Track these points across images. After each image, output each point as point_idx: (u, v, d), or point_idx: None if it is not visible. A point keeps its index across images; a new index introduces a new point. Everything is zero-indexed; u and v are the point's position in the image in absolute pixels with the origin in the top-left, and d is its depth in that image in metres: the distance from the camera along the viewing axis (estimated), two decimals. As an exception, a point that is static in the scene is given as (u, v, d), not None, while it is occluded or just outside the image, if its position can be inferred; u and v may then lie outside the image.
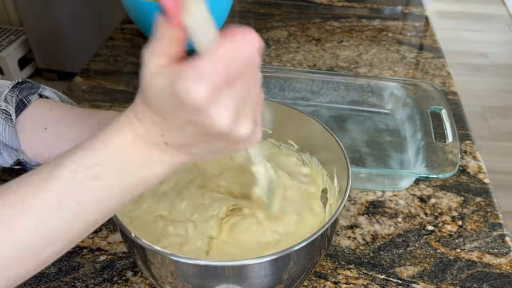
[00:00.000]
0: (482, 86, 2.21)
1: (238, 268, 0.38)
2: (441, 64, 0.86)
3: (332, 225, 0.40)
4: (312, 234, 0.38)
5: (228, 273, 0.38)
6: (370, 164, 0.65)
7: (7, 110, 0.48)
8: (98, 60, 0.87)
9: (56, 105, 0.51)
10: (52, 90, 0.54)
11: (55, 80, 2.15)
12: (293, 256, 0.39)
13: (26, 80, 0.52)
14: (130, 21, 0.97)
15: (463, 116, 0.73)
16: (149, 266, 0.40)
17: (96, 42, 1.04)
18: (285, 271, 0.40)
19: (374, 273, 0.51)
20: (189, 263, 0.37)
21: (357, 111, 0.74)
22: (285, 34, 0.95)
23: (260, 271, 0.38)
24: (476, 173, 0.64)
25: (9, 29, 2.13)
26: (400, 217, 0.58)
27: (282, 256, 0.37)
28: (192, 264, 0.37)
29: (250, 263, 0.37)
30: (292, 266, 0.40)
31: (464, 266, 0.52)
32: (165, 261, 0.38)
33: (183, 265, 0.37)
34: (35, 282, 0.49)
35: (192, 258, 0.37)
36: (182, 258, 0.36)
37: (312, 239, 0.38)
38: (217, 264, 0.37)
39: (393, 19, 1.01)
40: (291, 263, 0.39)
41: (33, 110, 0.50)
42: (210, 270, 0.38)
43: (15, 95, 0.49)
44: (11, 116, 0.48)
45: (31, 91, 0.51)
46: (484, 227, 0.56)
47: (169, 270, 0.39)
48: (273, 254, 0.37)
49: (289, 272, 0.40)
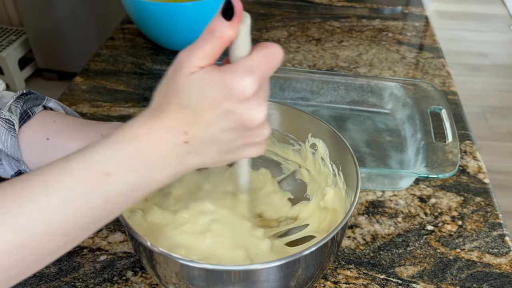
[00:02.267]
0: (482, 86, 2.21)
1: (245, 272, 0.37)
2: (441, 64, 0.86)
3: (342, 229, 0.39)
4: (323, 239, 0.37)
5: (234, 278, 0.37)
6: (370, 164, 0.65)
7: (10, 120, 0.48)
8: (98, 60, 0.87)
9: (60, 116, 0.51)
10: (56, 102, 0.54)
11: (55, 80, 2.14)
12: (302, 260, 0.38)
13: (31, 92, 0.52)
14: (130, 21, 0.97)
15: (463, 116, 0.73)
16: (154, 266, 0.40)
17: (96, 42, 1.04)
18: (293, 277, 0.39)
19: (374, 273, 0.51)
20: (196, 266, 0.36)
21: (357, 111, 0.74)
22: (285, 34, 0.95)
23: (269, 276, 0.37)
24: (476, 173, 0.64)
25: (9, 29, 2.13)
26: (400, 217, 0.58)
27: (292, 261, 0.37)
28: (198, 268, 0.36)
29: (258, 268, 0.37)
30: (300, 272, 0.39)
31: (464, 266, 0.52)
32: (171, 263, 0.38)
33: (189, 268, 0.37)
34: (35, 282, 0.49)
35: (199, 262, 0.36)
36: (189, 262, 0.36)
37: (322, 244, 0.37)
38: (224, 268, 0.36)
39: (393, 19, 1.02)
40: (300, 269, 0.39)
41: (37, 121, 0.50)
42: (217, 274, 0.37)
43: (20, 106, 0.49)
44: (14, 126, 0.48)
45: (36, 102, 0.51)
46: (484, 227, 0.57)
47: (174, 271, 0.38)
48: (282, 259, 0.36)
49: (297, 278, 0.39)
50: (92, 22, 1.89)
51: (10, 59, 2.01)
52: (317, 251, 0.37)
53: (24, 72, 2.12)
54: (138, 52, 0.89)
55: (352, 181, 0.45)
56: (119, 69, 0.84)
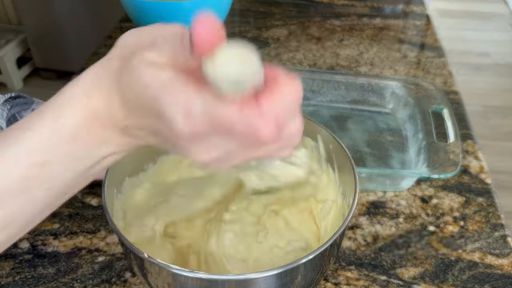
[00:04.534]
0: (483, 86, 2.20)
1: (241, 282, 0.36)
2: (442, 63, 0.86)
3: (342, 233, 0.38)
4: (322, 245, 0.36)
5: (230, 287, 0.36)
6: (371, 164, 0.64)
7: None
8: (97, 59, 0.86)
9: None
10: None
11: (53, 80, 2.14)
12: (301, 268, 0.37)
13: (20, 95, 0.51)
14: (129, 20, 0.97)
15: (464, 115, 0.73)
16: (145, 274, 0.39)
17: (95, 41, 1.03)
18: (292, 284, 0.38)
19: (375, 274, 0.51)
20: (189, 276, 0.35)
21: (358, 110, 0.74)
22: (285, 33, 0.95)
23: (265, 285, 0.36)
24: (477, 173, 0.63)
25: (7, 27, 2.13)
26: (401, 218, 0.57)
27: (290, 269, 0.35)
28: (191, 277, 0.35)
29: (254, 277, 0.35)
30: (299, 279, 0.38)
31: (466, 267, 0.52)
32: (163, 272, 0.36)
33: (182, 277, 0.35)
34: (33, 283, 0.49)
35: (193, 271, 0.35)
36: (182, 271, 0.34)
37: (322, 250, 0.36)
38: (219, 277, 0.35)
39: (394, 18, 1.01)
40: (298, 276, 0.37)
41: None
42: (212, 284, 0.36)
43: (7, 109, 0.49)
44: None
45: (24, 106, 0.50)
46: (485, 227, 0.56)
47: (167, 282, 0.37)
48: (280, 268, 0.34)
49: (296, 285, 0.38)
50: (90, 21, 1.88)
51: (8, 58, 2.01)
52: (317, 257, 0.36)
53: (22, 71, 2.11)
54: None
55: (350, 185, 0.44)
56: (118, 68, 0.84)
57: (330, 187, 0.49)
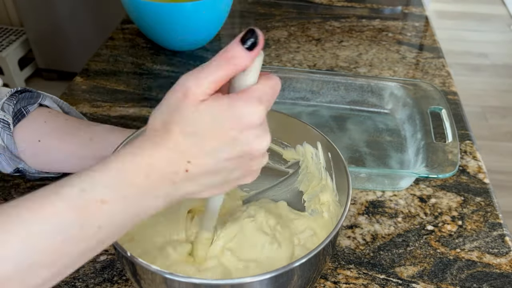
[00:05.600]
0: (482, 86, 2.21)
1: (235, 287, 0.35)
2: (441, 64, 0.86)
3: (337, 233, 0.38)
4: (316, 247, 0.36)
5: None
6: (370, 164, 0.65)
7: (5, 120, 0.47)
8: (98, 60, 0.87)
9: (52, 117, 0.50)
10: (53, 98, 0.53)
11: (55, 80, 2.14)
12: (297, 270, 0.36)
13: (26, 89, 0.51)
14: (130, 21, 0.97)
15: (463, 116, 0.73)
16: (138, 280, 0.38)
17: (96, 42, 1.04)
18: (289, 285, 0.37)
19: (374, 273, 0.51)
20: (182, 281, 0.34)
21: (357, 111, 0.74)
22: (285, 34, 0.95)
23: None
24: (476, 173, 0.64)
25: (9, 29, 2.13)
26: (400, 217, 0.58)
27: (285, 272, 0.35)
28: (185, 283, 0.34)
29: (248, 281, 0.34)
30: (296, 280, 0.38)
31: (464, 266, 0.52)
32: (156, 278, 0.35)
33: (175, 283, 0.34)
34: (35, 282, 0.49)
35: (186, 276, 0.34)
36: (175, 276, 0.33)
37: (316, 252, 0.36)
38: (213, 282, 0.34)
39: (393, 19, 1.02)
40: (294, 277, 0.37)
41: (29, 122, 0.49)
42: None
43: (13, 104, 0.49)
44: (9, 125, 0.48)
45: (31, 101, 0.50)
46: (484, 227, 0.57)
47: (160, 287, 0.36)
48: (275, 271, 0.34)
49: (293, 285, 0.38)
50: (92, 22, 1.89)
51: (10, 59, 2.01)
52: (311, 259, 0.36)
53: (24, 72, 2.12)
54: (138, 52, 0.89)
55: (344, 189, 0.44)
56: (119, 69, 0.84)
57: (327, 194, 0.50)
